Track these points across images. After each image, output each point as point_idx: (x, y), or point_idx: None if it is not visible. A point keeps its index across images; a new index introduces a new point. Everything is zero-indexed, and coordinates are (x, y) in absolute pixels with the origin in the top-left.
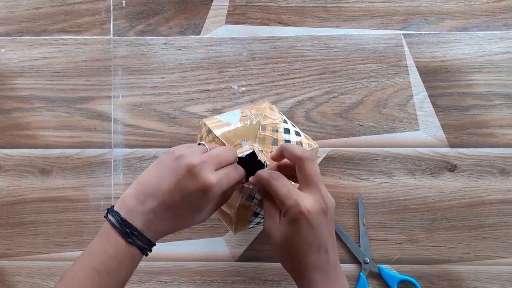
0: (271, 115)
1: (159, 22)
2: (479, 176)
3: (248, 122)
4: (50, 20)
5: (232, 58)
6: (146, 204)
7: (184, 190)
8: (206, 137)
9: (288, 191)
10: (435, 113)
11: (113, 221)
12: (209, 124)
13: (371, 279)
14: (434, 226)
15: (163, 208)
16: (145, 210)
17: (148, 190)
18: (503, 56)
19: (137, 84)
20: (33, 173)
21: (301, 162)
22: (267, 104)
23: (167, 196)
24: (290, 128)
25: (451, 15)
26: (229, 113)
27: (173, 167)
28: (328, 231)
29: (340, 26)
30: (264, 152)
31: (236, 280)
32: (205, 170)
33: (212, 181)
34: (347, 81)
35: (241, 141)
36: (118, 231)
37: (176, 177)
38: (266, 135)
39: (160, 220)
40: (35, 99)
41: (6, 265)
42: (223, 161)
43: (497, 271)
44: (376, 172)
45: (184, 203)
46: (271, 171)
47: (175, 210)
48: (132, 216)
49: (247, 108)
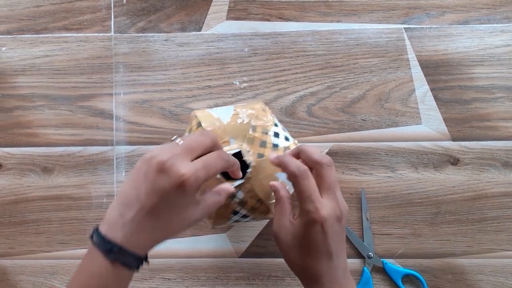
0: (263, 117)
1: (160, 19)
2: (482, 169)
3: (239, 120)
4: (50, 18)
5: (233, 54)
6: (126, 215)
7: (160, 191)
8: (196, 130)
9: (312, 194)
10: (437, 106)
11: (94, 240)
12: (199, 117)
13: (375, 274)
14: (437, 220)
15: (143, 215)
16: (124, 222)
17: (127, 200)
18: (504, 49)
19: (139, 81)
20: (35, 171)
21: (320, 167)
22: (261, 105)
23: (145, 201)
24: (280, 132)
25: (452, 9)
26: (222, 108)
27: (145, 170)
28: (340, 237)
29: (341, 21)
30: (251, 152)
31: (239, 276)
32: (177, 163)
33: (185, 172)
34: (348, 75)
35: (229, 139)
36: (99, 250)
37: (149, 179)
38: (256, 136)
39: (142, 229)
40: (37, 97)
41: (9, 264)
42: (196, 147)
43: (501, 264)
44: (379, 167)
45: (163, 204)
46: (300, 164)
47: (156, 215)
48: (112, 231)
49: (240, 106)
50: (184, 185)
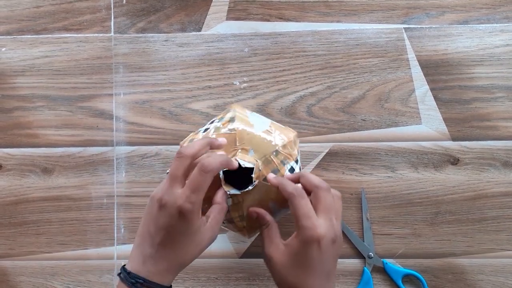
0: (290, 148)
1: (159, 19)
2: (482, 169)
3: (268, 138)
4: (50, 18)
5: (233, 54)
6: (145, 252)
7: (165, 224)
8: (226, 122)
9: (308, 212)
10: (437, 106)
11: (122, 276)
12: (237, 115)
13: (375, 274)
14: (437, 219)
15: (158, 248)
16: (145, 259)
17: (143, 239)
18: (504, 48)
19: (139, 82)
20: (35, 172)
21: (318, 190)
22: (294, 136)
23: (155, 237)
24: (296, 170)
25: (452, 8)
26: (259, 116)
27: (150, 210)
28: (334, 259)
29: (341, 21)
30: (261, 173)
31: (240, 276)
32: (171, 196)
33: (180, 203)
34: (348, 75)
35: (250, 149)
36: (127, 285)
37: (154, 217)
38: (274, 161)
39: (160, 261)
40: (37, 98)
41: (9, 265)
42: (177, 172)
43: (501, 263)
44: (379, 167)
45: (172, 235)
46: (297, 186)
47: (169, 246)
48: (136, 267)
49: (276, 125)
50: (183, 213)
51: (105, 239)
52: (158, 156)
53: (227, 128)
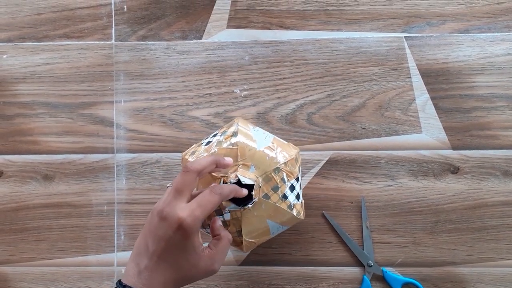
0: (292, 166)
1: (160, 27)
2: (482, 178)
3: (270, 154)
4: (51, 25)
5: (234, 62)
6: (141, 264)
7: (164, 236)
8: (228, 137)
9: None
10: (438, 115)
11: None
12: (240, 129)
13: (375, 282)
14: (437, 228)
15: (154, 260)
16: (140, 270)
17: (140, 251)
18: (505, 58)
19: (139, 89)
20: (36, 179)
21: None
22: (296, 154)
23: (153, 248)
24: (296, 188)
25: (453, 17)
26: (262, 132)
27: (150, 222)
28: None
29: (342, 29)
30: (261, 190)
31: (239, 284)
32: (173, 208)
33: (182, 215)
34: (349, 84)
35: (251, 165)
36: None
37: (153, 228)
38: (274, 178)
39: (155, 273)
40: (38, 105)
41: (10, 271)
42: (183, 188)
43: (500, 272)
44: (379, 175)
45: (169, 247)
46: None
47: (165, 259)
48: (131, 280)
49: (279, 141)
50: (183, 226)
51: (105, 245)
52: (158, 164)
53: (229, 143)
